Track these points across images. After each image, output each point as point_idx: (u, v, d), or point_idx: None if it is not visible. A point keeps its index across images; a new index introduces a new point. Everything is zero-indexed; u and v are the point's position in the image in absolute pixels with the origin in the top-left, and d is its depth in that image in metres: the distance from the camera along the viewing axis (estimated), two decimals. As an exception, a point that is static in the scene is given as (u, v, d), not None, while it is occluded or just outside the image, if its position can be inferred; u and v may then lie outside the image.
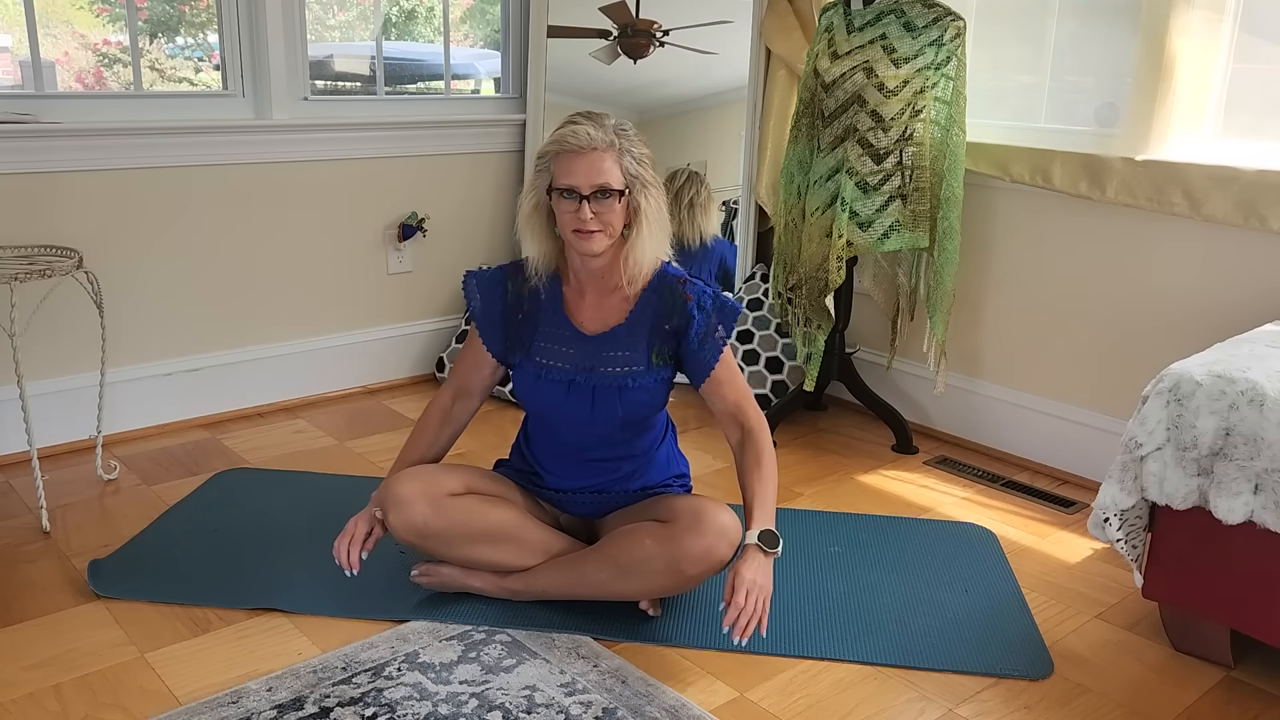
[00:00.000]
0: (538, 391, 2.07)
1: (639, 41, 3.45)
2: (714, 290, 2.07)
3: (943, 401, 3.16)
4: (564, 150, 1.93)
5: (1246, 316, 2.47)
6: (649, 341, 2.04)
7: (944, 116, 2.77)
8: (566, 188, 1.92)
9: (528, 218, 2.02)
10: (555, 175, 1.94)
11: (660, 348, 2.05)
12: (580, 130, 1.92)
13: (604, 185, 1.92)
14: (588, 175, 1.91)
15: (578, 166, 1.92)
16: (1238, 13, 2.53)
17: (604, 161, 1.92)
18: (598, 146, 1.92)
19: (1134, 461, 1.92)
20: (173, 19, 3.15)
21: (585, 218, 1.92)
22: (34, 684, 1.85)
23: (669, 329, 2.04)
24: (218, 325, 3.12)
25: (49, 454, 2.80)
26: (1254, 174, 2.40)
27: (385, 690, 1.83)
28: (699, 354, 2.03)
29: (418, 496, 2.03)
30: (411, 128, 3.37)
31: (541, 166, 1.98)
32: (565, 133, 1.94)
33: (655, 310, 2.04)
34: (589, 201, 1.91)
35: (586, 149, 1.91)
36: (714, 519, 1.95)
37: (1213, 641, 2.00)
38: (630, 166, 1.95)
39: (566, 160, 1.93)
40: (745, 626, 1.81)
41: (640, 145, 1.98)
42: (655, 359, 2.05)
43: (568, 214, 1.94)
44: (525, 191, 2.04)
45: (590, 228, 1.93)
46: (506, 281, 2.11)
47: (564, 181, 1.93)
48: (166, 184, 2.93)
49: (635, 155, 1.96)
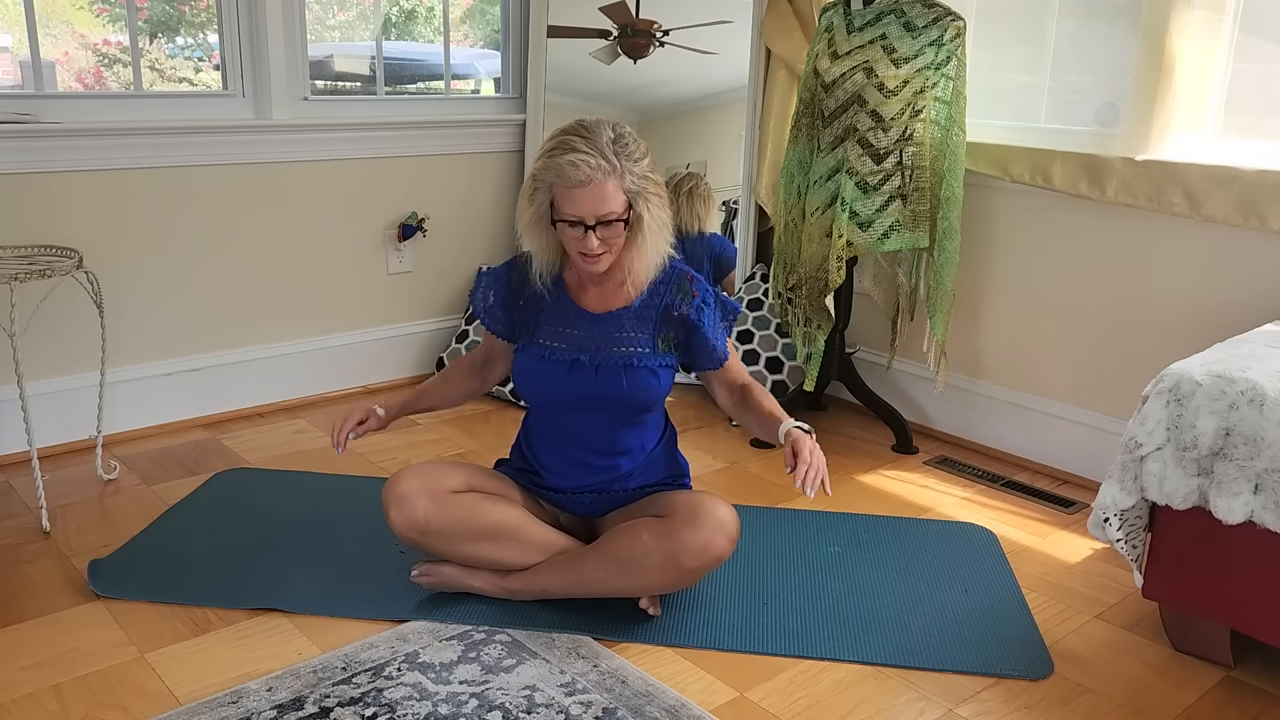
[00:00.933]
0: (539, 373, 2.07)
1: (639, 41, 3.45)
2: (714, 289, 2.10)
3: (943, 401, 3.16)
4: (564, 185, 1.90)
5: (1246, 316, 2.47)
6: (655, 326, 2.06)
7: (944, 116, 2.77)
8: (572, 219, 1.92)
9: (529, 227, 2.02)
10: (558, 205, 1.93)
11: (666, 334, 2.07)
12: (580, 161, 1.87)
13: (609, 214, 1.91)
14: (591, 207, 1.90)
15: (581, 199, 1.90)
16: (1238, 13, 2.53)
17: (605, 189, 1.90)
18: (596, 178, 1.89)
19: (1134, 461, 1.92)
20: (173, 19, 3.15)
21: (592, 246, 1.92)
22: (34, 684, 1.85)
23: (677, 316, 2.06)
24: (218, 325, 3.12)
25: (49, 454, 2.80)
26: (1254, 174, 2.40)
27: (385, 690, 1.83)
28: (714, 346, 2.08)
29: (419, 493, 2.03)
30: (411, 128, 3.37)
31: (539, 187, 1.95)
32: (564, 163, 1.88)
33: (664, 298, 2.06)
34: (594, 230, 1.92)
35: (587, 182, 1.89)
36: (712, 513, 1.96)
37: (1213, 641, 2.00)
38: (631, 185, 1.93)
39: (567, 194, 1.91)
40: (814, 480, 1.84)
41: (639, 156, 1.95)
42: (660, 344, 2.06)
43: (573, 239, 1.95)
44: (523, 201, 2.01)
45: (596, 252, 1.94)
46: (510, 274, 2.13)
47: (568, 212, 1.92)
48: (166, 184, 2.93)
49: (636, 173, 1.93)
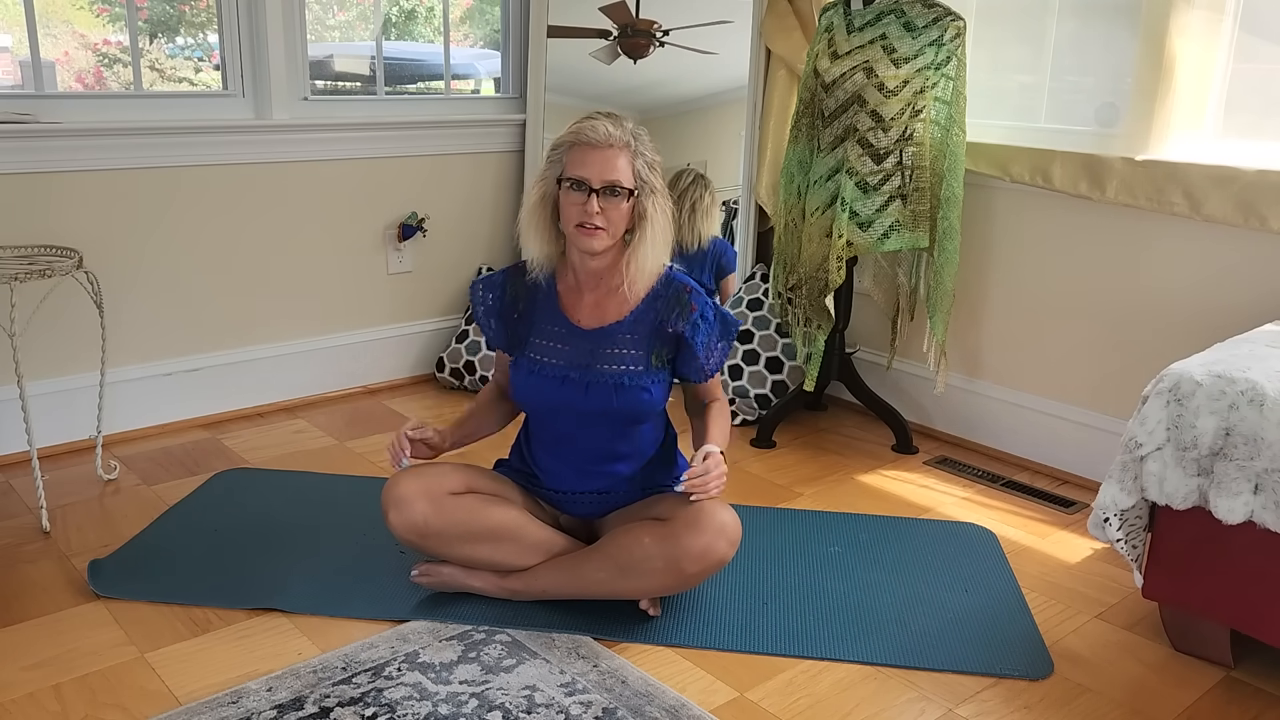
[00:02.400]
0: (531, 387, 2.07)
1: (639, 41, 3.45)
2: (715, 304, 2.10)
3: (943, 401, 3.16)
4: (580, 142, 1.96)
5: (1246, 316, 2.47)
6: (650, 343, 2.05)
7: (944, 116, 2.77)
8: (578, 179, 1.94)
9: (532, 210, 2.04)
10: (568, 165, 1.97)
11: (660, 350, 2.05)
12: (599, 125, 1.95)
13: (615, 182, 1.94)
14: (600, 170, 1.94)
15: (592, 159, 1.94)
16: (1238, 13, 2.53)
17: (618, 159, 1.95)
18: (614, 144, 1.95)
19: (1134, 461, 1.92)
20: (173, 19, 3.15)
21: (592, 211, 1.93)
22: (34, 684, 1.85)
23: (672, 333, 2.04)
24: (218, 325, 3.12)
25: (49, 454, 2.80)
26: (1254, 174, 2.40)
27: (385, 690, 1.83)
28: (704, 363, 2.07)
29: (418, 495, 2.03)
30: (411, 128, 3.37)
31: (554, 157, 2.00)
32: (584, 126, 1.96)
33: (659, 312, 2.05)
34: (598, 196, 1.93)
35: (603, 144, 1.94)
36: (713, 517, 1.96)
37: (1213, 641, 2.00)
38: (642, 170, 1.98)
39: (581, 152, 1.95)
40: (701, 486, 1.90)
41: (653, 152, 2.02)
42: (655, 361, 2.05)
43: (574, 206, 1.95)
44: (533, 182, 2.05)
45: (595, 223, 1.94)
46: (506, 283, 2.13)
47: (576, 172, 1.95)
48: (166, 184, 2.93)
49: (647, 160, 1.99)
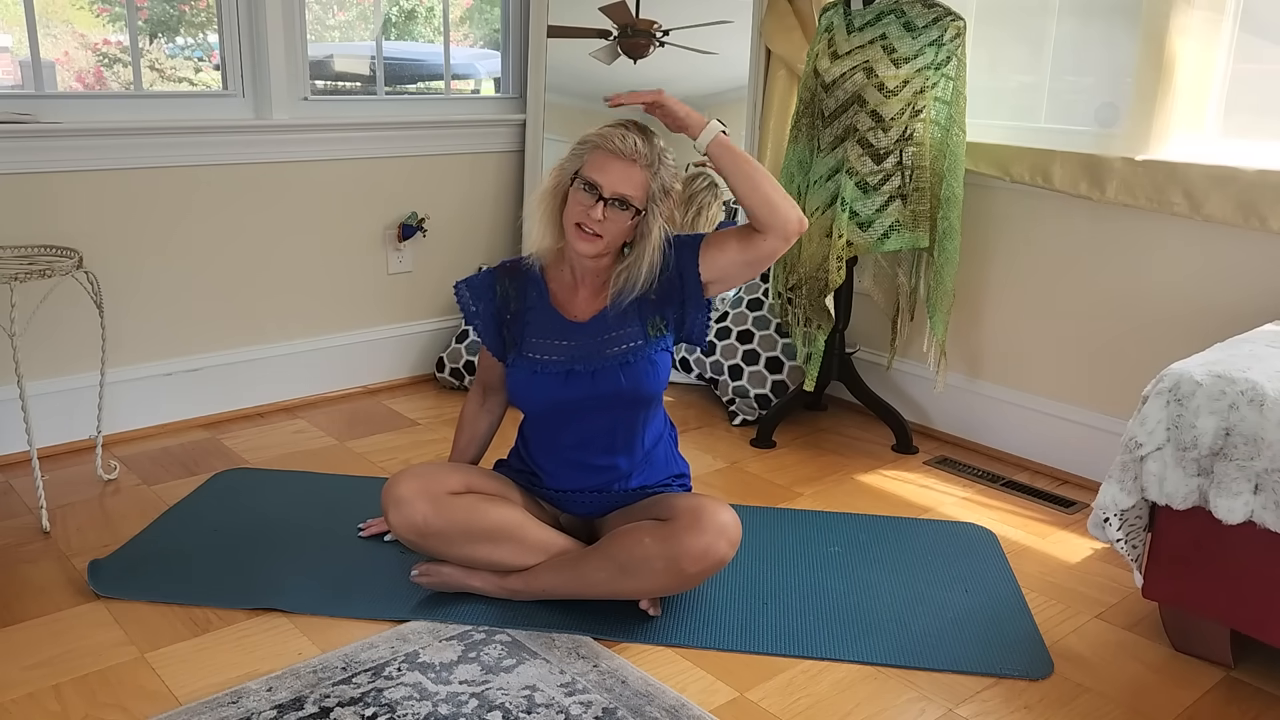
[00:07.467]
0: (533, 387, 2.08)
1: (639, 41, 3.45)
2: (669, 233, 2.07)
3: (943, 401, 3.16)
4: (605, 147, 1.97)
5: (1246, 316, 2.47)
6: (640, 315, 2.07)
7: (944, 116, 2.77)
8: (591, 181, 1.96)
9: (543, 195, 2.06)
10: (587, 164, 1.98)
11: (653, 317, 2.08)
12: (629, 137, 1.97)
13: (626, 196, 1.96)
14: (616, 180, 1.95)
15: (611, 167, 1.96)
16: (1238, 13, 2.53)
17: (636, 175, 1.97)
18: (637, 159, 1.97)
19: (1134, 461, 1.92)
20: (173, 19, 3.15)
21: (595, 217, 1.95)
22: (34, 684, 1.85)
23: (654, 298, 2.07)
24: (218, 325, 3.12)
25: (49, 454, 2.80)
26: (1254, 174, 2.40)
27: (385, 690, 1.83)
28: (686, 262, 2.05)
29: (418, 495, 2.03)
30: (411, 128, 3.36)
31: (578, 151, 2.02)
32: (614, 132, 1.98)
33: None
34: (605, 204, 1.95)
35: (626, 156, 1.96)
36: (714, 517, 1.96)
37: (1213, 641, 2.00)
38: (656, 191, 1.99)
39: (603, 157, 1.97)
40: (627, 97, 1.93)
41: (673, 178, 2.03)
42: (651, 330, 2.07)
43: (580, 205, 1.97)
44: (551, 170, 2.07)
45: (593, 229, 1.96)
46: (495, 285, 2.13)
47: (592, 175, 1.97)
48: (166, 184, 2.93)
49: (664, 183, 2.01)
